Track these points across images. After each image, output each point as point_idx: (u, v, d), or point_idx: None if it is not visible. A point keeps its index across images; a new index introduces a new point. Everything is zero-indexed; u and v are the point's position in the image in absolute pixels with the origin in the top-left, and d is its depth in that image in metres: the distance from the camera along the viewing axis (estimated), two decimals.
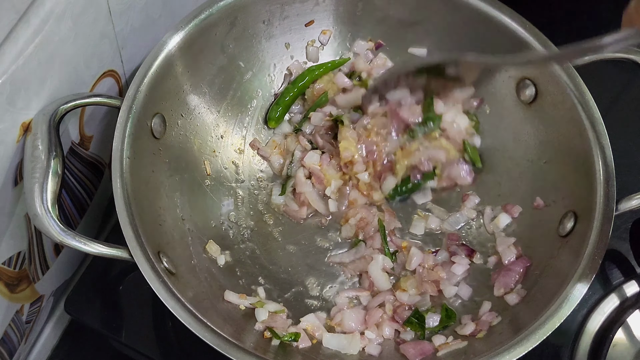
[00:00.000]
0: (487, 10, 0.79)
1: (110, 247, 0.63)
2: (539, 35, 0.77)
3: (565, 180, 0.76)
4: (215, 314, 0.67)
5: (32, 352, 0.85)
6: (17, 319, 0.73)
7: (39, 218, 0.59)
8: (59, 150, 0.62)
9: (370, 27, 0.87)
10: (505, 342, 0.63)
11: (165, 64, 0.74)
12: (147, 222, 0.67)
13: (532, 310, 0.69)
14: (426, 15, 0.84)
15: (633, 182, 0.81)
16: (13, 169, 0.62)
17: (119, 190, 0.66)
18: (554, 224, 0.75)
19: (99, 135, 0.78)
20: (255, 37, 0.84)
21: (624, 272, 0.83)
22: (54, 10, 0.59)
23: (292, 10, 0.84)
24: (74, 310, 0.79)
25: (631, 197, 0.70)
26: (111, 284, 0.81)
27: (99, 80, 0.72)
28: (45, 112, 0.63)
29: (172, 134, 0.77)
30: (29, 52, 0.57)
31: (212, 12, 0.77)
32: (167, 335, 0.78)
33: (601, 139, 0.72)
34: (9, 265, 0.67)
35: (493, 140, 0.84)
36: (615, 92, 0.97)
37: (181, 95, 0.78)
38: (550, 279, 0.71)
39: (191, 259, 0.74)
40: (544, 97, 0.78)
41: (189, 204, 0.78)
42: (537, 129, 0.80)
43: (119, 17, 0.70)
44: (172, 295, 0.62)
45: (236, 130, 0.86)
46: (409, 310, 0.75)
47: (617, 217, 0.68)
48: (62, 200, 0.74)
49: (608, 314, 0.79)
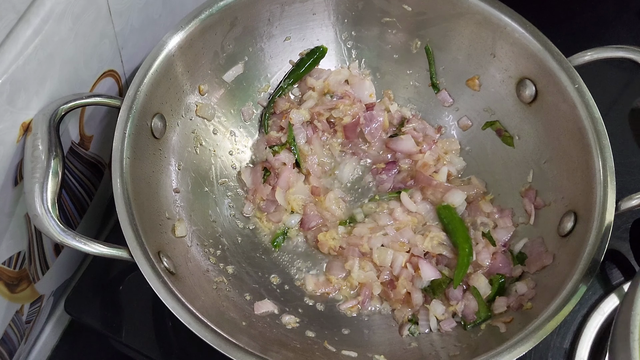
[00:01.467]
0: (487, 10, 0.79)
1: (110, 247, 0.63)
2: (539, 35, 0.77)
3: (565, 180, 0.76)
4: (216, 314, 0.67)
5: (32, 352, 0.85)
6: (17, 319, 0.73)
7: (39, 218, 0.59)
8: (59, 150, 0.62)
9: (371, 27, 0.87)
10: (505, 341, 0.63)
11: (165, 64, 0.74)
12: (147, 222, 0.67)
13: (532, 310, 0.69)
14: (426, 16, 0.84)
15: (633, 182, 0.81)
16: (13, 169, 0.62)
17: (119, 190, 0.66)
18: (554, 224, 0.75)
19: (99, 135, 0.78)
20: (255, 37, 0.84)
21: (624, 272, 0.83)
22: (54, 10, 0.59)
23: (293, 10, 0.84)
24: (74, 310, 0.79)
25: (631, 197, 0.70)
26: (111, 284, 0.81)
27: (99, 80, 0.72)
28: (45, 112, 0.63)
29: (172, 134, 0.77)
30: (29, 52, 0.57)
31: (212, 12, 0.77)
32: (167, 335, 0.78)
33: (601, 139, 0.72)
34: (9, 265, 0.67)
35: (493, 140, 0.84)
36: (615, 92, 0.97)
37: (181, 95, 0.78)
38: (550, 279, 0.71)
39: (191, 259, 0.74)
40: (544, 97, 0.78)
41: (189, 203, 0.78)
42: (537, 129, 0.80)
43: (119, 17, 0.70)
44: (172, 295, 0.62)
45: (236, 130, 0.86)
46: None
47: (617, 217, 0.68)
48: (62, 200, 0.74)
49: (608, 314, 0.78)
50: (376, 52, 0.89)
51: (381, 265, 0.78)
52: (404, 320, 0.76)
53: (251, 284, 0.77)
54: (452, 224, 0.79)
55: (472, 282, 0.76)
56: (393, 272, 0.77)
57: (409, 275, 0.77)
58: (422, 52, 0.87)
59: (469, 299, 0.75)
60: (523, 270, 0.76)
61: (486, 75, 0.84)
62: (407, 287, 0.76)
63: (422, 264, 0.76)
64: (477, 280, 0.76)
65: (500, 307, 0.73)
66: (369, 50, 0.89)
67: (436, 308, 0.75)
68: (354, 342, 0.74)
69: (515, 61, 0.80)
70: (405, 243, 0.79)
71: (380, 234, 0.80)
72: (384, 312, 0.78)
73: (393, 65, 0.89)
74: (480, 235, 0.79)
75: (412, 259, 0.78)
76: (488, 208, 0.81)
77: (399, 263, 0.77)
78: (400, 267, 0.77)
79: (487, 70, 0.83)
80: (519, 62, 0.80)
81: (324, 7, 0.85)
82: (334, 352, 0.71)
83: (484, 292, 0.75)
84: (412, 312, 0.76)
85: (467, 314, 0.75)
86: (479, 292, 0.75)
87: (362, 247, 0.79)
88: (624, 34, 1.04)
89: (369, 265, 0.78)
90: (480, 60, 0.83)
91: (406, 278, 0.76)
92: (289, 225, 0.82)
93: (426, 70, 0.87)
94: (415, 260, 0.77)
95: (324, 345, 0.72)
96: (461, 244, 0.77)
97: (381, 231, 0.80)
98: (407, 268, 0.77)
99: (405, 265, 0.77)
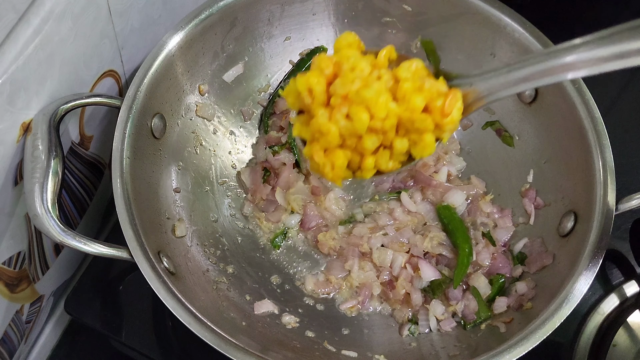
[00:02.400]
0: (487, 10, 0.79)
1: (110, 247, 0.63)
2: (539, 36, 0.77)
3: (565, 180, 0.76)
4: (215, 314, 0.67)
5: (32, 352, 0.85)
6: (17, 319, 0.73)
7: (39, 218, 0.59)
8: (59, 150, 0.62)
9: (371, 27, 0.87)
10: (505, 341, 0.63)
11: (165, 64, 0.74)
12: (147, 222, 0.67)
13: (532, 310, 0.69)
14: (426, 16, 0.84)
15: (633, 182, 0.81)
16: (13, 169, 0.62)
17: (119, 190, 0.66)
18: (554, 224, 0.75)
19: (99, 135, 0.78)
20: (255, 37, 0.84)
21: (624, 272, 0.83)
22: (54, 10, 0.59)
23: (292, 10, 0.84)
24: (74, 310, 0.79)
25: (631, 197, 0.70)
26: (111, 284, 0.81)
27: (99, 80, 0.72)
28: (45, 112, 0.63)
29: (172, 134, 0.77)
30: (29, 52, 0.57)
31: (212, 12, 0.77)
32: (167, 335, 0.78)
33: (601, 139, 0.72)
34: (9, 265, 0.67)
35: (493, 140, 0.84)
36: (615, 92, 0.97)
37: (181, 95, 0.78)
38: (550, 279, 0.71)
39: (191, 259, 0.74)
40: (544, 97, 0.78)
41: (189, 204, 0.78)
42: (537, 129, 0.80)
43: (119, 17, 0.70)
44: (172, 295, 0.62)
45: (236, 130, 0.86)
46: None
47: (617, 217, 0.68)
48: (62, 200, 0.74)
49: (608, 314, 0.79)
50: None
51: (380, 266, 0.78)
52: (404, 321, 0.76)
53: (251, 284, 0.77)
54: (452, 224, 0.79)
55: (472, 282, 0.76)
56: (392, 273, 0.77)
57: (408, 275, 0.77)
58: (422, 52, 0.86)
59: (469, 299, 0.75)
60: (523, 270, 0.76)
61: None
62: (406, 288, 0.76)
63: (421, 264, 0.76)
64: (477, 280, 0.76)
65: (500, 307, 0.73)
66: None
67: (436, 308, 0.75)
68: (354, 342, 0.74)
69: None
70: (405, 243, 0.79)
71: (380, 234, 0.80)
72: (383, 312, 0.78)
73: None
74: (480, 235, 0.79)
75: (412, 260, 0.78)
76: (488, 208, 0.81)
77: (398, 263, 0.77)
78: (399, 268, 0.77)
79: None
80: None
81: (324, 7, 0.85)
82: (334, 352, 0.71)
83: (484, 292, 0.75)
84: (412, 312, 0.76)
85: (467, 314, 0.75)
86: (479, 292, 0.75)
87: (362, 247, 0.79)
88: None
89: (368, 265, 0.78)
90: (480, 60, 0.83)
91: (405, 279, 0.76)
92: (288, 225, 0.82)
93: None
94: (414, 260, 0.77)
95: (324, 345, 0.72)
96: (461, 244, 0.77)
97: (381, 231, 0.80)
98: (407, 269, 0.77)
99: (405, 266, 0.77)
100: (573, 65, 0.48)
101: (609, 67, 0.46)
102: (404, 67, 0.56)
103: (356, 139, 0.55)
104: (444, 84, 0.56)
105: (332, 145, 0.56)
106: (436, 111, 0.54)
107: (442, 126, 0.55)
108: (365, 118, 0.53)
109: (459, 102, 0.55)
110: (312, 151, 0.57)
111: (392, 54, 0.59)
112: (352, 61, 0.55)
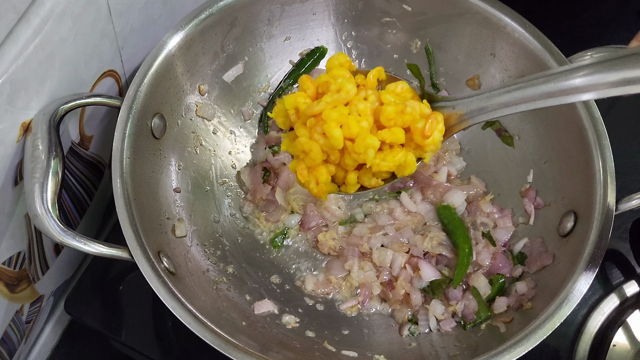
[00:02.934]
0: (487, 10, 0.79)
1: (110, 247, 0.63)
2: (539, 35, 0.77)
3: (565, 180, 0.76)
4: (215, 314, 0.67)
5: (32, 352, 0.85)
6: (17, 319, 0.73)
7: (39, 218, 0.59)
8: (59, 150, 0.62)
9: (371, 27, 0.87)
10: (505, 341, 0.63)
11: (165, 64, 0.74)
12: (147, 222, 0.67)
13: (532, 310, 0.69)
14: (426, 16, 0.84)
15: (633, 182, 0.81)
16: (13, 169, 0.62)
17: (119, 190, 0.66)
18: (554, 224, 0.75)
19: (99, 135, 0.78)
20: (255, 37, 0.84)
21: (624, 272, 0.83)
22: (54, 10, 0.59)
23: (292, 10, 0.84)
24: (74, 310, 0.79)
25: (631, 197, 0.70)
26: (111, 284, 0.81)
27: (99, 80, 0.72)
28: (45, 112, 0.63)
29: (172, 134, 0.77)
30: (29, 52, 0.57)
31: (212, 12, 0.77)
32: (167, 335, 0.78)
33: (601, 139, 0.72)
34: (9, 265, 0.67)
35: (493, 140, 0.84)
36: None
37: (181, 95, 0.78)
38: (550, 279, 0.71)
39: (191, 259, 0.74)
40: None
41: (189, 203, 0.78)
42: (537, 129, 0.80)
43: (119, 17, 0.70)
44: (172, 295, 0.62)
45: (236, 130, 0.86)
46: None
47: (617, 217, 0.68)
48: (62, 200, 0.74)
49: (608, 314, 0.79)
50: (376, 52, 0.89)
51: (380, 266, 0.78)
52: (404, 320, 0.76)
53: (251, 284, 0.77)
54: (452, 224, 0.79)
55: (472, 282, 0.76)
56: (392, 273, 0.77)
57: (407, 276, 0.77)
58: (422, 52, 0.87)
59: (469, 299, 0.75)
60: (523, 270, 0.76)
61: (486, 75, 0.84)
62: (406, 288, 0.76)
63: (421, 265, 0.76)
64: (477, 280, 0.76)
65: (500, 307, 0.73)
66: (369, 50, 0.89)
67: (436, 308, 0.75)
68: (354, 342, 0.74)
69: (515, 61, 0.80)
70: (405, 243, 0.79)
71: (380, 234, 0.80)
72: (383, 312, 0.78)
73: (393, 65, 0.89)
74: (480, 235, 0.79)
75: (412, 260, 0.78)
76: (488, 208, 0.81)
77: (398, 264, 0.77)
78: (399, 268, 0.77)
79: (487, 70, 0.83)
80: (519, 62, 0.80)
81: (324, 7, 0.85)
82: (334, 352, 0.71)
83: (484, 292, 0.75)
84: (411, 312, 0.76)
85: (467, 314, 0.75)
86: (478, 292, 0.75)
87: (361, 247, 0.79)
88: (624, 34, 1.04)
89: (368, 265, 0.78)
90: (480, 60, 0.83)
91: (405, 279, 0.76)
92: (288, 225, 0.82)
93: (426, 70, 0.87)
94: (414, 260, 0.77)
95: (324, 345, 0.72)
96: (461, 244, 0.77)
97: (381, 231, 0.80)
98: (407, 269, 0.77)
99: (405, 266, 0.77)
100: (550, 94, 0.52)
101: (585, 97, 0.51)
102: (389, 89, 0.61)
103: (339, 154, 0.60)
104: (427, 107, 0.60)
105: (315, 164, 0.60)
106: (417, 133, 0.58)
107: (424, 147, 0.59)
108: (337, 134, 0.57)
109: (440, 124, 0.59)
110: (297, 169, 0.62)
111: (381, 75, 0.63)
112: (340, 83, 0.59)
